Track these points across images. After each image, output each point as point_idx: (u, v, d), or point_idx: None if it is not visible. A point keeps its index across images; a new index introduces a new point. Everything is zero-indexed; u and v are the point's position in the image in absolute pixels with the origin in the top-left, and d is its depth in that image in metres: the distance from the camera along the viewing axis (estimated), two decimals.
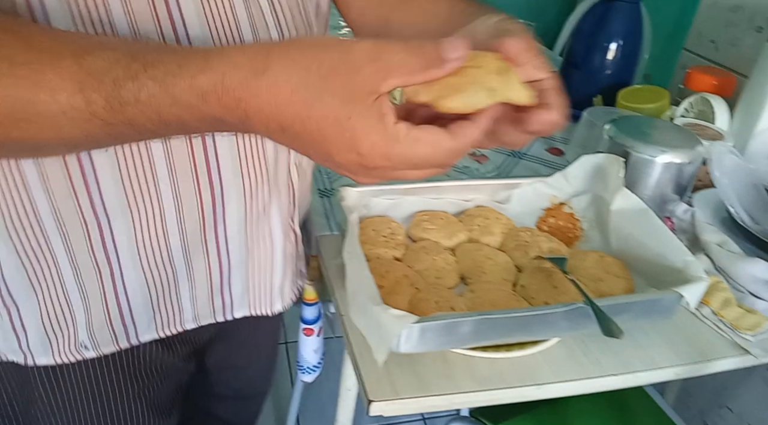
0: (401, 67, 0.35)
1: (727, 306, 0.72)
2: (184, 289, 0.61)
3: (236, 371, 0.90)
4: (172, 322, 0.63)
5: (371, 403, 0.57)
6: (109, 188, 0.51)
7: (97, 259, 0.55)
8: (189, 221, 0.56)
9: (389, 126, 0.36)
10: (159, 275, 0.58)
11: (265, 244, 0.64)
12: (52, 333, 0.58)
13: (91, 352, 0.60)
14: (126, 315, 0.59)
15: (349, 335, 0.64)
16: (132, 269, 0.56)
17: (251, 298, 0.67)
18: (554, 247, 0.75)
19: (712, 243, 0.80)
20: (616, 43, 1.21)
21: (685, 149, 0.82)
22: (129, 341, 0.61)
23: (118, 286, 0.57)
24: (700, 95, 1.07)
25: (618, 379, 0.63)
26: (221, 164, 0.54)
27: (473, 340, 0.59)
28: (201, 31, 0.47)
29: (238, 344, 0.85)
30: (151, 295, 0.59)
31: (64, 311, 0.57)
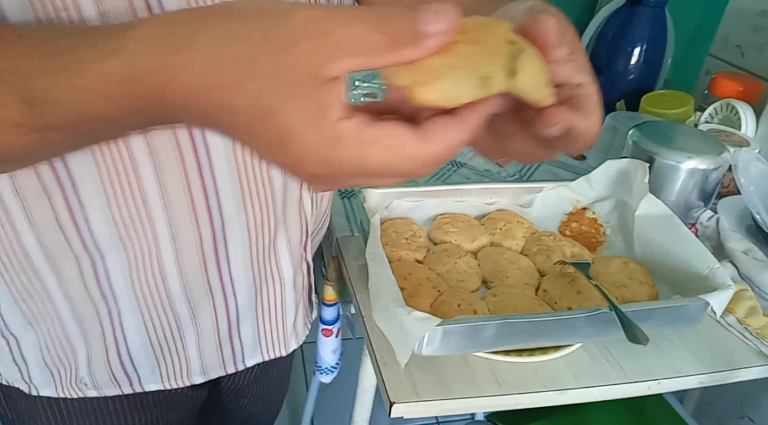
0: (357, 44, 0.25)
1: (753, 315, 0.71)
2: (189, 338, 0.57)
3: (251, 398, 0.87)
4: (178, 374, 0.60)
5: (393, 405, 0.57)
6: (99, 222, 0.47)
7: (92, 296, 0.52)
8: (188, 260, 0.51)
9: (329, 123, 0.26)
10: (160, 321, 0.55)
11: (274, 281, 0.59)
12: (54, 367, 0.56)
13: (93, 392, 0.58)
14: (126, 362, 0.57)
15: (371, 336, 0.64)
16: (131, 314, 0.53)
17: (264, 343, 0.63)
18: (577, 252, 0.75)
19: (738, 251, 0.79)
20: (640, 48, 1.20)
21: (711, 155, 0.81)
22: (132, 387, 0.59)
23: (116, 329, 0.54)
24: (725, 101, 1.06)
25: (641, 386, 0.63)
26: (221, 198, 0.49)
27: (495, 344, 0.59)
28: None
29: (253, 374, 0.83)
30: (152, 343, 0.56)
31: (64, 346, 0.55)
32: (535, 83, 0.30)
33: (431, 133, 0.27)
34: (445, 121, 0.28)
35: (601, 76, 1.23)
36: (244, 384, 0.83)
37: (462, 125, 0.28)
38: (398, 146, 0.27)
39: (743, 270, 0.77)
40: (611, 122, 1.03)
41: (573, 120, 0.32)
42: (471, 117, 0.28)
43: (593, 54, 1.26)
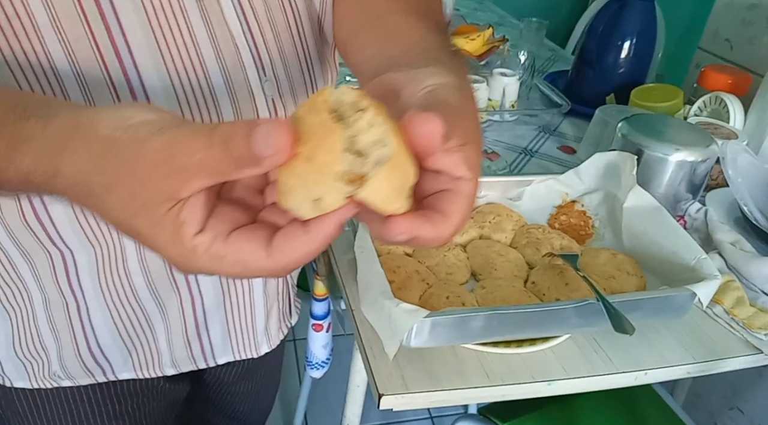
0: (203, 167, 0.27)
1: (740, 305, 0.71)
2: (159, 330, 0.60)
3: (238, 395, 0.88)
4: (150, 365, 0.62)
5: (382, 397, 0.57)
6: (63, 222, 0.49)
7: (62, 290, 0.54)
8: (151, 259, 0.53)
9: (186, 240, 0.28)
10: (127, 314, 0.57)
11: (242, 285, 0.61)
12: (26, 360, 0.58)
13: (67, 382, 0.60)
14: (96, 352, 0.58)
15: (360, 329, 0.64)
16: (98, 307, 0.56)
17: (234, 343, 0.65)
18: (566, 244, 0.75)
19: (725, 242, 0.79)
20: (630, 42, 1.20)
21: (699, 147, 0.82)
22: (105, 376, 0.61)
23: (85, 323, 0.56)
24: (714, 94, 1.07)
25: (629, 376, 0.63)
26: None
27: (484, 335, 0.59)
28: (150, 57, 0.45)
29: (236, 371, 0.83)
30: (121, 334, 0.58)
31: (35, 341, 0.57)
32: (388, 196, 0.28)
33: (277, 249, 0.29)
34: (292, 234, 0.29)
35: (591, 70, 1.24)
36: (229, 381, 0.83)
37: (307, 239, 0.28)
38: (246, 262, 0.29)
39: (731, 261, 0.77)
40: (601, 116, 1.03)
41: (418, 231, 0.30)
42: (317, 231, 0.28)
43: (583, 48, 1.26)
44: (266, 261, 0.29)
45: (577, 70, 1.29)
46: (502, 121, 1.18)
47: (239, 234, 0.29)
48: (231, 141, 0.27)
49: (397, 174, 0.28)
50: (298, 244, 0.28)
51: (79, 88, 0.44)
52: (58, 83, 0.43)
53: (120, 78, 0.44)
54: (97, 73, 0.44)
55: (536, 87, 1.29)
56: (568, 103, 1.19)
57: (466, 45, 1.32)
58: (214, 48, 0.48)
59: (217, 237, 0.29)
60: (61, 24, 0.42)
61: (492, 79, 1.15)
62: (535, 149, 1.10)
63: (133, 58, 0.44)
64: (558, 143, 1.13)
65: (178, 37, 0.46)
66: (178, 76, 0.47)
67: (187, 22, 0.46)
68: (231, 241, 0.29)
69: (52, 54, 0.42)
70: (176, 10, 0.45)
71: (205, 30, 0.47)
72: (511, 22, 1.88)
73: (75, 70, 0.43)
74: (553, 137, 1.15)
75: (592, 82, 1.24)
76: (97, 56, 0.43)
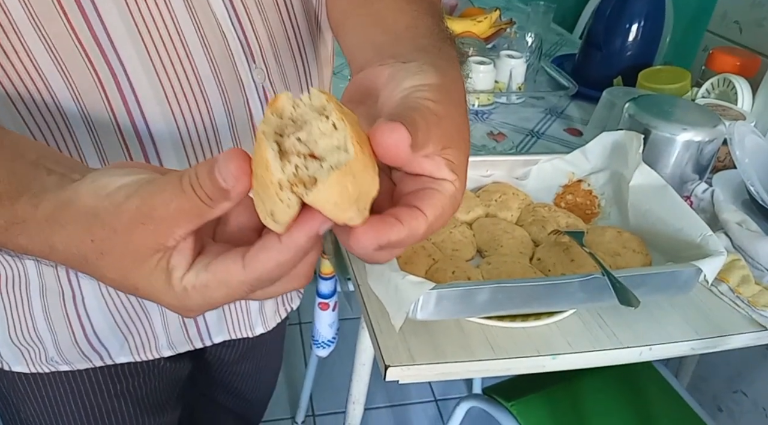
0: (179, 216, 0.29)
1: (745, 283, 0.71)
2: (154, 314, 0.60)
3: (239, 375, 0.89)
4: (147, 348, 0.62)
5: (388, 368, 0.58)
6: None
7: (60, 279, 0.54)
8: None
9: (176, 284, 0.30)
10: (122, 303, 0.57)
11: None
12: (23, 347, 0.58)
13: (64, 366, 0.60)
14: (93, 339, 0.59)
15: (366, 304, 0.65)
16: (93, 296, 0.56)
17: (229, 322, 0.66)
18: (572, 222, 0.75)
19: (732, 222, 0.79)
20: (638, 24, 1.20)
21: (706, 128, 0.81)
22: (103, 361, 0.61)
23: (80, 309, 0.57)
24: (722, 76, 1.06)
25: (633, 352, 0.64)
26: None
27: (489, 309, 0.59)
28: (135, 49, 0.45)
29: (237, 350, 0.83)
30: (116, 321, 0.59)
31: (30, 330, 0.57)
32: (333, 205, 0.26)
33: (251, 259, 0.29)
34: (265, 246, 0.29)
35: (598, 53, 1.23)
36: (229, 361, 0.84)
37: (280, 248, 0.29)
38: (227, 279, 0.30)
39: (736, 241, 0.77)
40: (608, 97, 1.03)
41: (386, 236, 0.28)
42: (288, 241, 0.28)
43: (591, 30, 1.26)
44: (242, 274, 0.29)
45: (585, 52, 1.28)
46: (508, 103, 1.17)
47: (218, 259, 0.30)
48: (197, 183, 0.28)
49: (352, 181, 0.26)
50: (272, 253, 0.29)
51: (66, 85, 0.44)
52: (44, 83, 0.43)
53: (106, 72, 0.44)
54: (82, 69, 0.43)
55: (543, 70, 1.29)
56: (575, 86, 1.18)
57: (473, 27, 1.31)
58: (199, 35, 0.47)
59: (200, 270, 0.30)
60: (40, 21, 0.41)
61: (499, 61, 1.15)
62: (541, 131, 1.10)
63: (116, 50, 0.44)
64: (564, 125, 1.13)
65: (161, 26, 0.45)
66: (163, 65, 0.46)
67: (169, 8, 0.45)
68: (210, 266, 0.30)
69: (34, 53, 0.42)
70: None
71: (189, 17, 0.46)
72: (518, 6, 1.87)
73: (60, 69, 0.43)
74: (559, 120, 1.15)
75: (599, 65, 1.24)
76: (80, 51, 0.43)
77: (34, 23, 0.41)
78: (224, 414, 0.97)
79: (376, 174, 0.28)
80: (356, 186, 0.27)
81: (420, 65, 0.34)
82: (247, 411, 0.99)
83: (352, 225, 0.28)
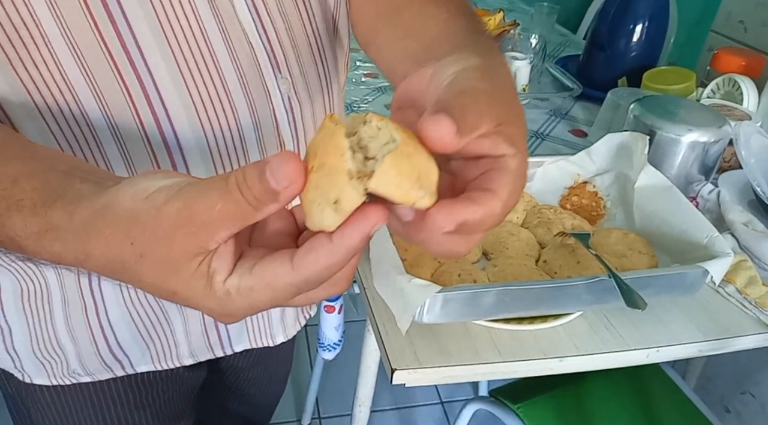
0: (224, 220, 0.28)
1: (752, 284, 0.71)
2: (176, 322, 0.60)
3: (251, 381, 0.90)
4: (168, 356, 0.62)
5: (394, 372, 0.58)
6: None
7: (83, 293, 0.54)
8: None
9: (218, 288, 0.30)
10: (144, 311, 0.57)
11: None
12: (45, 360, 0.58)
13: (86, 378, 0.60)
14: (115, 349, 0.59)
15: (372, 307, 0.65)
16: (115, 306, 0.56)
17: (250, 331, 0.65)
18: (577, 224, 0.75)
19: (738, 222, 0.79)
20: (642, 25, 1.19)
21: (712, 128, 0.81)
22: (124, 370, 0.61)
23: (102, 321, 0.56)
24: (727, 76, 1.06)
25: (640, 354, 0.63)
26: None
27: (495, 312, 0.59)
28: (163, 59, 0.45)
29: (251, 358, 0.84)
30: (140, 330, 0.58)
31: (53, 342, 0.57)
32: (396, 186, 0.27)
33: (300, 260, 0.29)
34: (314, 247, 0.29)
35: (602, 54, 1.23)
36: (243, 367, 0.84)
37: (330, 248, 0.28)
38: (274, 282, 0.29)
39: (743, 241, 0.77)
40: (613, 98, 1.03)
41: (462, 215, 0.28)
42: (339, 240, 0.28)
43: (595, 31, 1.26)
44: (291, 275, 0.29)
45: (589, 53, 1.28)
46: None
47: (263, 261, 0.29)
48: (245, 184, 0.27)
49: (408, 161, 0.27)
50: (322, 254, 0.28)
51: (93, 96, 0.44)
52: (72, 94, 0.43)
53: (135, 83, 0.44)
54: (110, 80, 0.43)
55: (547, 71, 1.29)
56: (579, 87, 1.18)
57: None
58: (227, 46, 0.47)
59: (244, 273, 0.29)
60: (71, 32, 0.41)
61: None
62: (546, 132, 1.10)
63: (145, 61, 0.44)
64: (569, 126, 1.13)
65: (189, 37, 0.45)
66: (191, 75, 0.46)
67: (198, 18, 0.45)
68: (255, 269, 0.29)
69: (63, 63, 0.42)
70: (186, 8, 0.44)
71: (217, 27, 0.46)
72: (522, 7, 1.87)
73: (87, 79, 0.43)
74: (564, 121, 1.15)
75: (603, 66, 1.24)
76: (109, 61, 0.43)
77: (64, 34, 0.41)
78: (233, 418, 0.97)
79: (431, 157, 0.28)
80: (413, 166, 0.27)
81: (460, 55, 0.34)
82: (255, 415, 1.00)
83: (423, 207, 0.28)
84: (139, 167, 0.49)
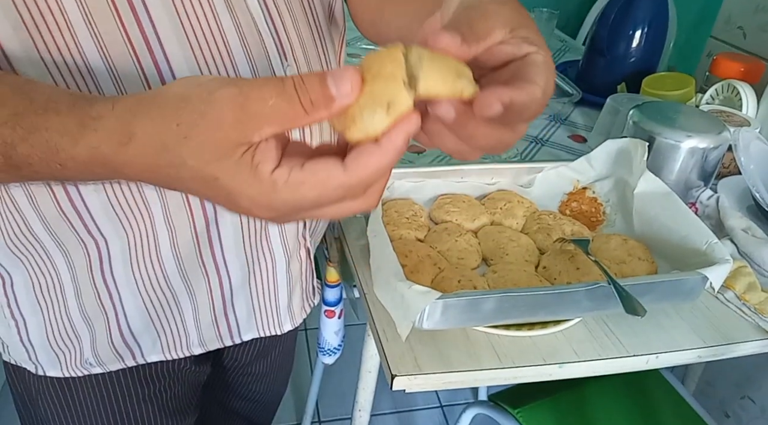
0: (274, 115, 0.30)
1: (752, 290, 0.71)
2: (187, 311, 0.61)
3: (254, 376, 0.90)
4: (178, 345, 0.63)
5: (394, 378, 0.58)
6: (98, 211, 0.50)
7: (95, 281, 0.55)
8: (183, 243, 0.55)
9: (264, 177, 0.31)
10: (158, 298, 0.58)
11: (266, 264, 0.62)
12: (59, 350, 0.59)
13: (98, 368, 0.61)
14: (128, 336, 0.60)
15: (372, 312, 0.65)
16: (129, 294, 0.57)
17: (258, 320, 0.66)
18: (577, 230, 0.76)
19: (737, 228, 0.79)
20: (641, 30, 1.20)
21: (711, 134, 0.81)
22: (135, 359, 0.62)
23: (117, 309, 0.57)
24: (726, 82, 1.06)
25: (640, 360, 0.64)
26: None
27: (495, 318, 0.60)
28: (180, 48, 0.46)
29: (254, 350, 0.85)
30: (152, 317, 0.59)
31: (68, 330, 0.58)
32: (441, 81, 0.31)
33: (351, 164, 0.31)
34: (364, 150, 0.31)
35: (602, 59, 1.23)
36: (246, 362, 0.85)
37: (380, 152, 0.31)
38: (325, 181, 0.31)
39: (742, 247, 0.77)
40: (612, 104, 1.03)
41: (506, 95, 0.31)
42: (388, 143, 0.31)
43: (595, 36, 1.26)
44: (344, 176, 0.31)
45: (588, 59, 1.29)
46: None
47: (314, 160, 0.31)
48: (304, 87, 0.29)
49: (443, 62, 0.32)
50: (374, 157, 0.30)
51: (113, 83, 0.45)
52: (93, 80, 0.44)
53: (152, 70, 0.45)
54: (130, 67, 0.44)
55: None
56: (579, 93, 1.19)
57: None
58: (239, 35, 0.49)
59: (294, 167, 0.31)
60: (94, 20, 0.42)
61: None
62: (545, 138, 1.10)
63: (163, 49, 0.45)
64: (569, 132, 1.13)
65: (205, 27, 0.47)
66: (206, 62, 0.47)
67: (213, 10, 0.47)
68: (307, 166, 0.31)
69: (85, 50, 0.43)
70: (203, 1, 0.46)
71: (230, 17, 0.48)
72: None
73: (108, 66, 0.44)
74: (563, 126, 1.15)
75: (603, 71, 1.24)
76: (129, 50, 0.44)
77: (87, 23, 0.42)
78: (235, 418, 0.98)
79: (444, 57, 0.33)
80: (449, 66, 0.32)
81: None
82: (257, 414, 1.00)
83: (469, 96, 0.32)
84: None
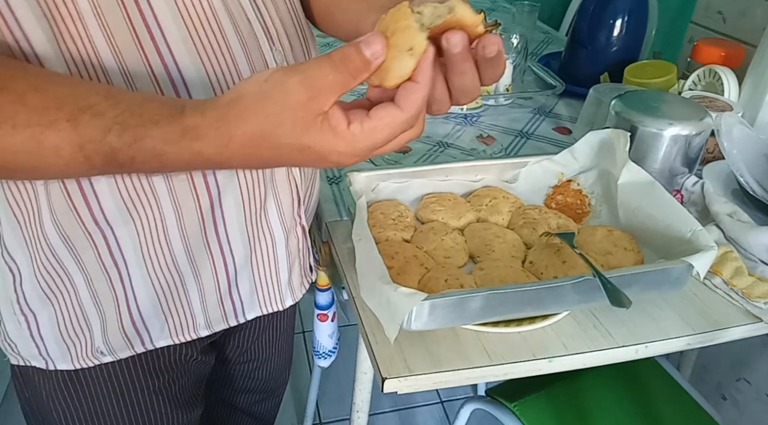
0: (334, 86, 0.38)
1: (739, 275, 0.72)
2: (193, 293, 0.62)
3: (256, 362, 0.92)
4: (185, 328, 0.64)
5: (385, 380, 0.58)
6: (107, 198, 0.53)
7: (105, 266, 0.56)
8: (189, 224, 0.57)
9: (344, 133, 0.40)
10: (166, 280, 0.59)
11: (267, 241, 0.64)
12: (70, 341, 0.60)
13: (108, 357, 0.62)
14: (137, 321, 0.61)
15: (362, 316, 0.65)
16: (139, 276, 0.58)
17: (260, 297, 0.68)
18: (563, 223, 0.76)
19: (723, 214, 0.79)
20: (622, 19, 1.20)
21: (693, 121, 0.82)
22: (144, 345, 0.63)
23: (128, 291, 0.59)
24: (708, 67, 1.07)
25: (629, 350, 0.64)
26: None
27: (483, 316, 0.60)
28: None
29: (254, 334, 0.87)
30: (160, 300, 0.60)
31: (79, 319, 0.59)
32: (470, 12, 0.40)
33: (403, 103, 0.40)
34: (409, 88, 0.40)
35: (584, 50, 1.24)
36: (247, 346, 0.87)
37: (420, 86, 0.40)
38: (392, 122, 0.40)
39: (728, 232, 0.78)
40: (595, 95, 1.03)
41: (501, 44, 0.42)
42: (422, 77, 0.40)
43: (575, 28, 1.26)
44: (403, 113, 0.40)
45: (570, 50, 1.29)
46: (497, 105, 1.18)
47: (374, 110, 0.40)
48: (348, 58, 0.38)
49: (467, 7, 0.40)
50: (417, 91, 0.39)
51: (122, 76, 0.48)
52: (104, 74, 0.48)
53: (156, 59, 0.49)
54: (136, 58, 0.48)
55: (530, 70, 1.29)
56: (562, 85, 1.19)
57: None
58: (232, 22, 0.53)
59: (363, 119, 0.40)
60: (102, 11, 0.46)
61: None
62: (530, 131, 1.10)
63: (163, 35, 0.49)
64: (553, 124, 1.14)
65: (202, 15, 0.51)
66: (205, 50, 0.51)
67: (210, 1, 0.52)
68: (372, 114, 0.40)
69: (93, 36, 0.46)
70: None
71: (223, 5, 0.53)
72: (504, 6, 1.87)
73: (117, 61, 0.48)
74: (548, 119, 1.15)
75: (585, 62, 1.24)
76: (135, 40, 0.48)
77: (96, 13, 0.46)
78: (240, 415, 0.99)
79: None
80: (472, 11, 0.40)
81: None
82: (261, 409, 1.01)
83: (481, 32, 0.41)
84: None
